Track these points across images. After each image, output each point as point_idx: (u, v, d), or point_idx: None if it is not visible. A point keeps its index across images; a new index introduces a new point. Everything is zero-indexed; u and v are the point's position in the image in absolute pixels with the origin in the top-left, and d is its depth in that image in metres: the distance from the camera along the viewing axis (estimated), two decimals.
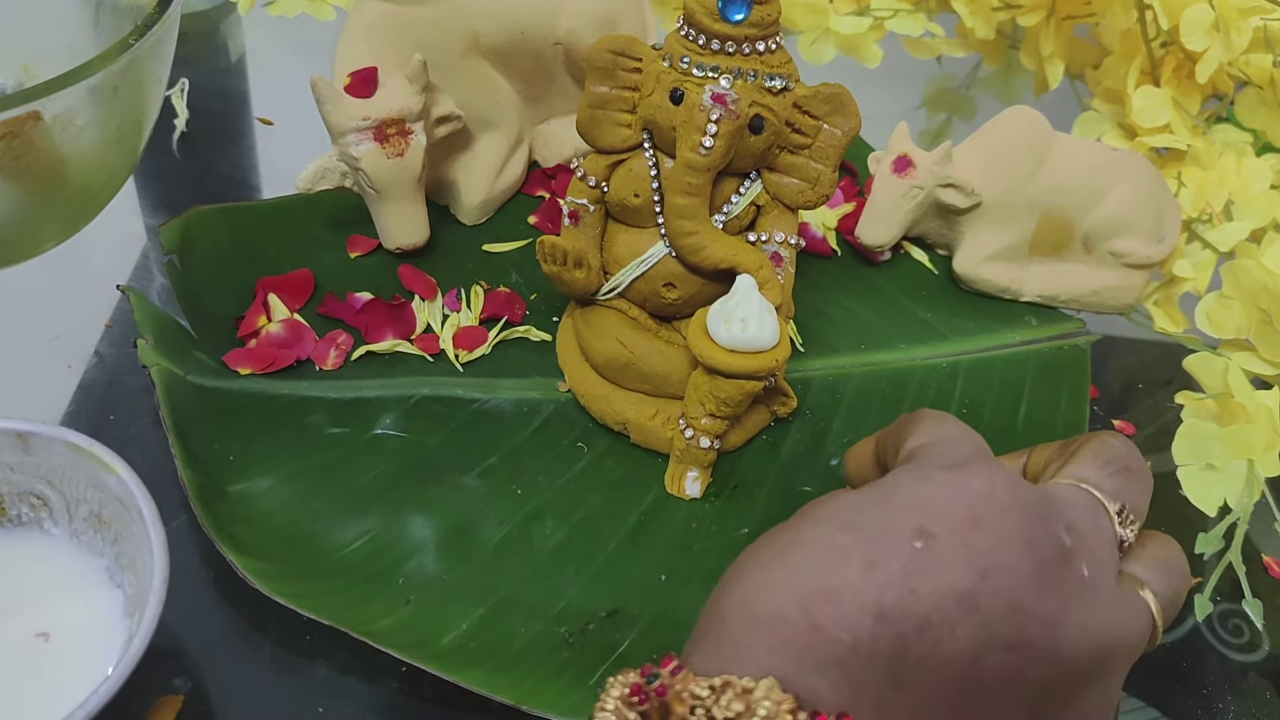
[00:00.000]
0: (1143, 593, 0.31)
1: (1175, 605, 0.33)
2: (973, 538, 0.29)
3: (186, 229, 0.53)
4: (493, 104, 0.55)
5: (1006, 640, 0.28)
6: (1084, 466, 0.33)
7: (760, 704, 0.26)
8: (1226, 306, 0.52)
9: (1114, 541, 0.32)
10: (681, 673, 0.27)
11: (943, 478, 0.30)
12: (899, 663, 0.27)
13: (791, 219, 0.45)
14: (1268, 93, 0.60)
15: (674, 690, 0.27)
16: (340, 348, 0.49)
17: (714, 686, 0.26)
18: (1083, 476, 0.33)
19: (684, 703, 0.26)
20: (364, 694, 0.39)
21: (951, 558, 0.28)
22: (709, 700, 0.26)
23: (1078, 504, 0.31)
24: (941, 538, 0.28)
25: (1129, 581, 0.32)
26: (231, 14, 0.74)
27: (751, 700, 0.26)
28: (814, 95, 0.42)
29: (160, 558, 0.34)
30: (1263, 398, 0.48)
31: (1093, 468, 0.33)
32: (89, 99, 0.39)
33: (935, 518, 0.29)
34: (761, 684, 0.26)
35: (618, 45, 0.43)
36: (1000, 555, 0.28)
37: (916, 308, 0.56)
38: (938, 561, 0.28)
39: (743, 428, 0.47)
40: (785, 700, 0.26)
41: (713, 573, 0.42)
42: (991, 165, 0.54)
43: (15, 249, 0.43)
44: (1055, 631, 0.29)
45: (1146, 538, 0.33)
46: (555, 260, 0.45)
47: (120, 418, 0.47)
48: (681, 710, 0.26)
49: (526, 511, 0.44)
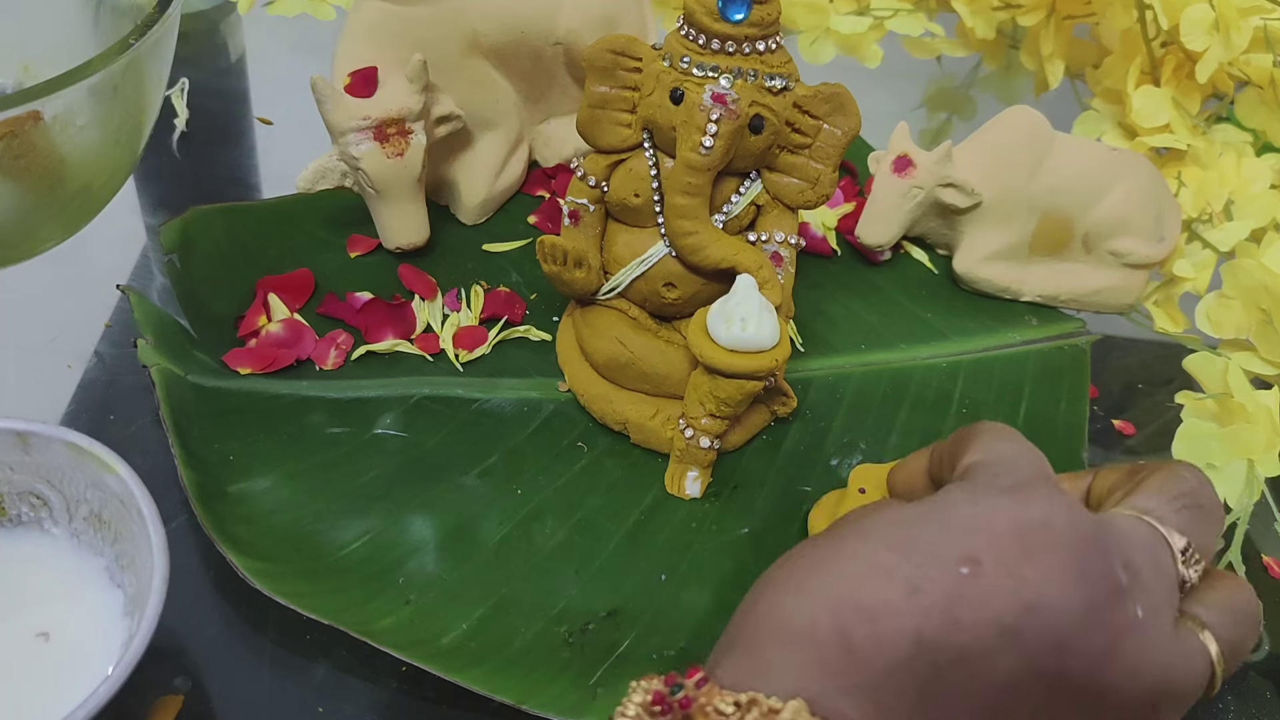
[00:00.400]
0: (1203, 636, 0.30)
1: (1240, 653, 0.31)
2: (1022, 568, 0.27)
3: (186, 229, 0.53)
4: (493, 104, 0.55)
5: (1048, 678, 0.27)
6: (1151, 497, 0.31)
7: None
8: (1226, 306, 0.52)
9: (1175, 581, 0.30)
10: (707, 685, 0.26)
11: (997, 501, 0.29)
12: (932, 691, 0.27)
13: (791, 219, 0.45)
14: (1268, 92, 0.60)
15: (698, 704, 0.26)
16: (340, 347, 0.49)
17: (740, 703, 0.26)
18: (1148, 508, 0.31)
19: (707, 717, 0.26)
20: (364, 694, 0.39)
21: (998, 588, 0.27)
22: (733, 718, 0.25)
23: (1138, 539, 0.30)
24: (989, 566, 0.27)
25: (1190, 624, 0.30)
26: (231, 14, 0.74)
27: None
28: (814, 95, 0.42)
29: (160, 558, 0.34)
30: (1263, 398, 0.48)
31: (1160, 500, 0.31)
32: (89, 99, 0.39)
33: (985, 544, 0.28)
34: (789, 705, 0.25)
35: (618, 45, 0.43)
36: (1049, 589, 0.27)
37: (916, 307, 0.56)
38: (984, 591, 0.27)
39: (743, 427, 0.47)
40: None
41: (712, 573, 0.43)
42: (991, 165, 0.54)
43: (15, 249, 0.43)
44: (1099, 673, 0.28)
45: (1215, 577, 0.32)
46: (555, 260, 0.45)
47: (120, 417, 0.47)
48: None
49: (526, 511, 0.44)
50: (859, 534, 0.29)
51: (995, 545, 0.28)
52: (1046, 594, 0.27)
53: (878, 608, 0.27)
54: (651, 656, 0.40)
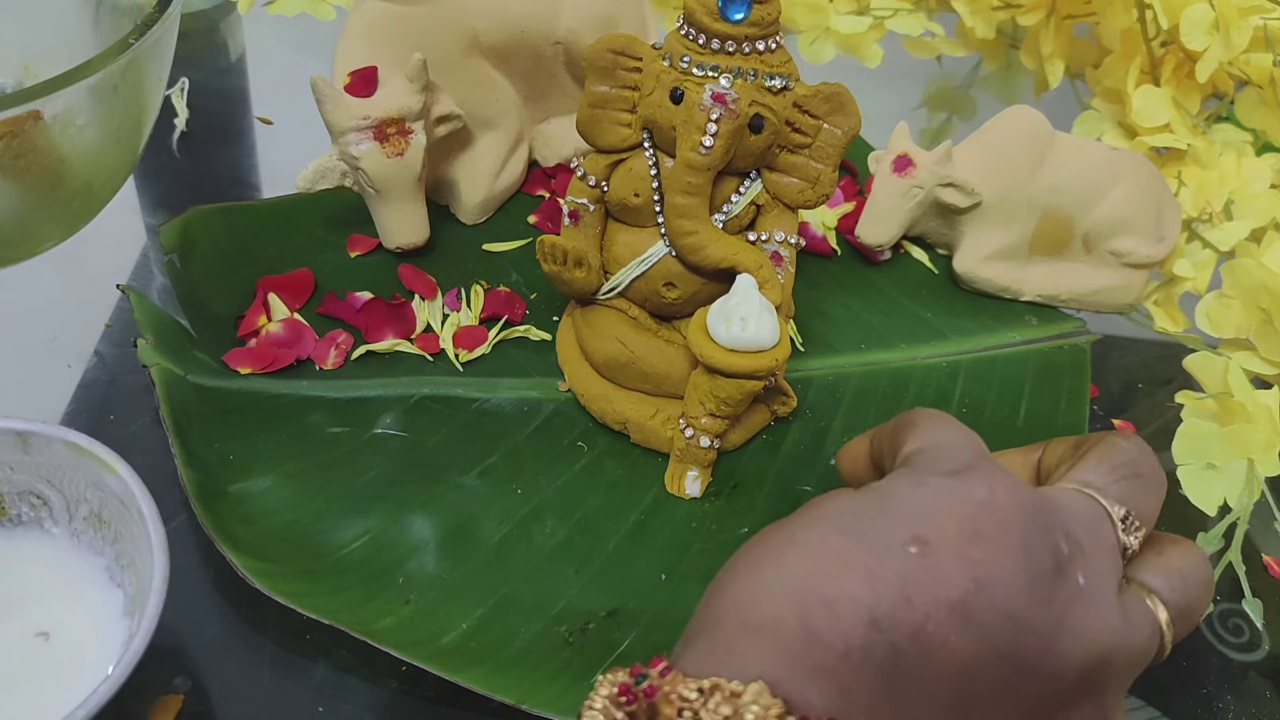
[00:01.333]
0: (1149, 601, 0.31)
1: (1190, 616, 0.31)
2: (969, 548, 0.28)
3: (186, 228, 0.53)
4: (493, 103, 0.55)
5: (1000, 650, 0.28)
6: (1090, 470, 0.32)
7: (749, 708, 0.25)
8: (1226, 306, 0.52)
9: (1115, 549, 0.31)
10: (670, 674, 0.27)
11: (941, 484, 0.30)
12: (892, 671, 0.27)
13: (791, 218, 0.45)
14: (1268, 92, 0.60)
15: (662, 692, 0.26)
16: (340, 347, 0.49)
17: (703, 689, 0.26)
18: (1087, 481, 0.32)
19: (672, 704, 0.26)
20: (364, 693, 0.39)
21: (947, 567, 0.28)
22: (697, 703, 0.26)
23: (1078, 510, 0.31)
24: (938, 547, 0.28)
25: (1137, 590, 0.31)
26: (231, 13, 0.74)
27: (739, 704, 0.26)
28: (814, 94, 0.42)
29: (160, 557, 0.34)
30: (1263, 397, 0.48)
31: (1099, 472, 0.32)
32: (89, 98, 0.39)
33: (932, 526, 0.29)
34: (750, 688, 0.26)
35: (617, 44, 0.43)
36: (995, 566, 0.28)
37: (916, 307, 0.56)
38: (933, 571, 0.28)
39: (743, 427, 0.47)
40: (774, 705, 0.26)
41: (712, 572, 0.42)
42: (991, 165, 0.54)
43: (15, 248, 0.43)
44: (1048, 642, 0.29)
45: (1165, 543, 0.32)
46: (555, 260, 0.45)
47: (120, 417, 0.47)
48: (669, 712, 0.26)
49: (526, 511, 0.44)
50: (811, 523, 0.30)
51: (942, 527, 0.29)
52: (993, 570, 0.28)
53: (835, 595, 0.28)
54: (651, 656, 0.40)
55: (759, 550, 0.30)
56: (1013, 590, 0.28)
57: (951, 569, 0.28)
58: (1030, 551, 0.29)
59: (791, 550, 0.29)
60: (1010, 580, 0.28)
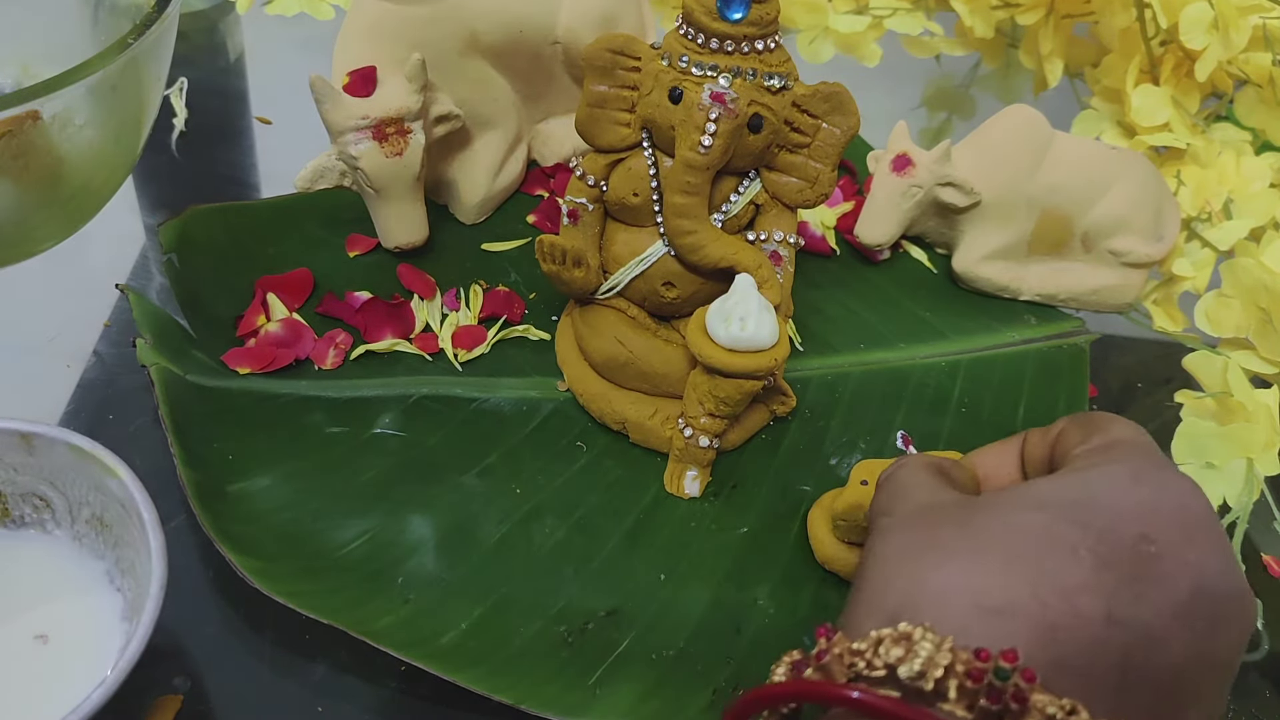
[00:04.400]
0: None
1: None
2: (1188, 551, 0.29)
3: (185, 228, 0.53)
4: (491, 103, 0.55)
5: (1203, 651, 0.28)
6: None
7: (920, 644, 0.26)
8: (1226, 305, 0.52)
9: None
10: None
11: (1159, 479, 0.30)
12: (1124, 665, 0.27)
13: (790, 218, 0.45)
14: (1267, 91, 0.60)
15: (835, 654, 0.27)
16: (339, 347, 0.49)
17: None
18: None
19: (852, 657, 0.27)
20: (363, 693, 0.39)
21: (1171, 571, 0.28)
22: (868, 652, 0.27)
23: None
24: (1162, 547, 0.28)
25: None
26: (230, 13, 0.74)
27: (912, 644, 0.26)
28: (813, 94, 0.42)
29: (159, 564, 0.34)
30: (1262, 396, 0.48)
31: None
32: (88, 98, 0.39)
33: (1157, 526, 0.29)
34: (917, 629, 0.26)
35: (616, 44, 0.43)
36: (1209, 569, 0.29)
37: (915, 306, 0.56)
38: (1159, 572, 0.28)
39: (742, 427, 0.47)
40: (945, 640, 0.26)
41: (712, 572, 0.43)
42: (990, 164, 0.54)
43: (14, 248, 0.43)
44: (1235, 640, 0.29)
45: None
46: (554, 259, 0.45)
47: (119, 417, 0.47)
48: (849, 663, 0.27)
49: (525, 511, 0.44)
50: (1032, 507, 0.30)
51: (1164, 526, 0.29)
52: (1207, 574, 0.29)
53: (1072, 586, 0.28)
54: (650, 656, 0.40)
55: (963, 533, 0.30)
56: (1219, 594, 0.29)
57: (1176, 571, 0.28)
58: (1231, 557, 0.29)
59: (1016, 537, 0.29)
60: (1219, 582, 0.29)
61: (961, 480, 0.36)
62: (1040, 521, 0.29)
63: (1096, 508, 0.29)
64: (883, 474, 0.36)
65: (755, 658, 0.40)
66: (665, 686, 0.39)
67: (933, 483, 0.34)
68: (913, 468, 0.35)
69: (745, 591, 0.42)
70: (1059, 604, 0.27)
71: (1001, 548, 0.29)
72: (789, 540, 0.44)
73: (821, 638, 0.28)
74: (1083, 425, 0.34)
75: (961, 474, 0.36)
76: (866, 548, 0.32)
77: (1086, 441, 0.33)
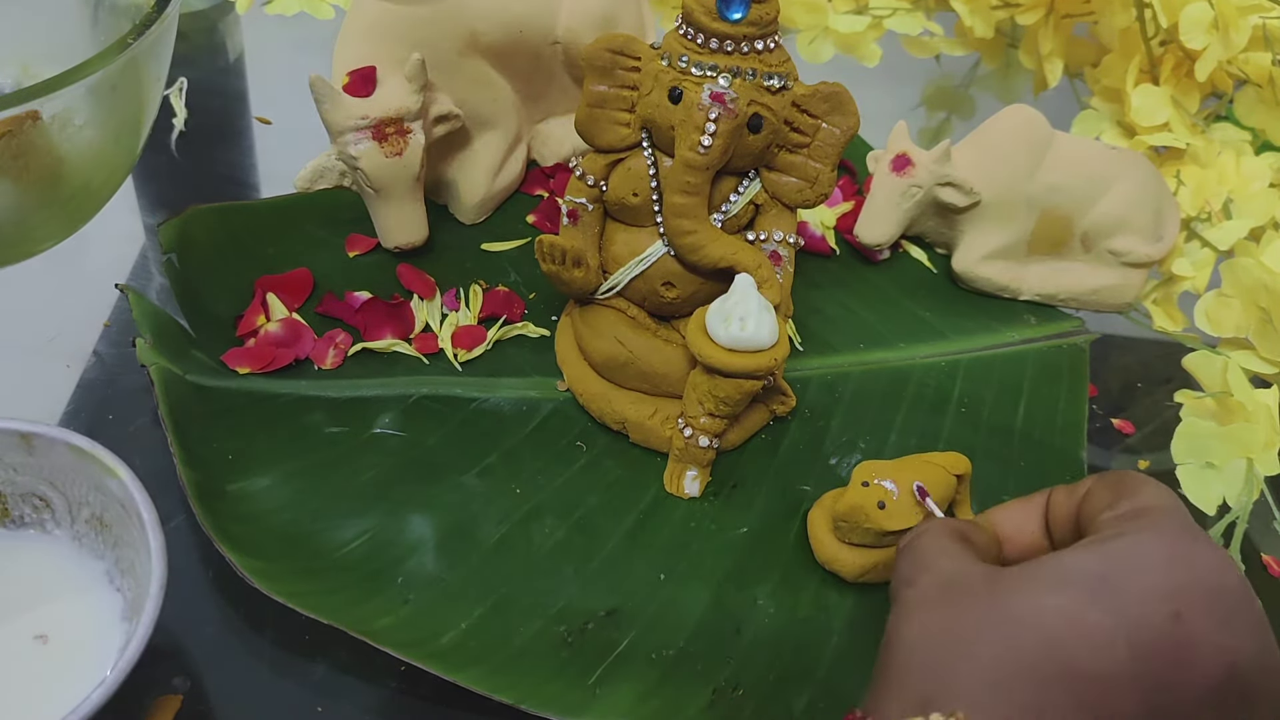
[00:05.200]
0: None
1: None
2: (1222, 635, 0.28)
3: (185, 228, 0.53)
4: (491, 103, 0.55)
5: None
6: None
7: None
8: (1225, 305, 0.52)
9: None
10: None
11: (1190, 553, 0.30)
12: None
13: (790, 218, 0.45)
14: (1266, 91, 0.60)
15: None
16: (339, 347, 0.49)
17: None
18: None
19: None
20: (363, 693, 0.39)
21: (1206, 656, 0.28)
22: None
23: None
24: (1195, 629, 0.28)
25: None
26: (230, 13, 0.74)
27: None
28: (812, 94, 0.42)
29: (158, 564, 0.34)
30: (1262, 396, 0.48)
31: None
32: (87, 98, 0.39)
33: (1189, 604, 0.29)
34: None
35: (616, 44, 0.43)
36: (1244, 653, 0.28)
37: (915, 306, 0.56)
38: (1193, 657, 0.28)
39: (741, 427, 0.47)
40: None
41: (711, 572, 0.43)
42: (990, 164, 0.54)
43: (14, 248, 0.43)
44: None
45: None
46: (554, 259, 0.45)
47: (119, 417, 0.47)
48: None
49: (525, 510, 0.44)
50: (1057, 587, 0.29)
51: (1198, 607, 0.29)
52: (1243, 656, 0.28)
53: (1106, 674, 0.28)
54: (650, 656, 0.40)
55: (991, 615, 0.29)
56: (1252, 675, 0.28)
57: (1210, 656, 0.28)
58: (1260, 629, 0.29)
59: (1045, 620, 0.29)
60: (1253, 663, 0.28)
61: (983, 544, 0.35)
62: (1072, 608, 0.29)
63: (1129, 592, 0.29)
64: (902, 542, 0.36)
65: (755, 658, 0.40)
66: (665, 686, 0.39)
67: (955, 549, 0.33)
68: (934, 534, 0.35)
69: (745, 591, 0.42)
70: (1098, 701, 0.27)
71: (1034, 636, 0.29)
72: (789, 540, 0.44)
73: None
74: (1112, 487, 0.34)
75: (982, 537, 0.36)
76: (892, 624, 0.32)
77: (1115, 507, 0.33)
